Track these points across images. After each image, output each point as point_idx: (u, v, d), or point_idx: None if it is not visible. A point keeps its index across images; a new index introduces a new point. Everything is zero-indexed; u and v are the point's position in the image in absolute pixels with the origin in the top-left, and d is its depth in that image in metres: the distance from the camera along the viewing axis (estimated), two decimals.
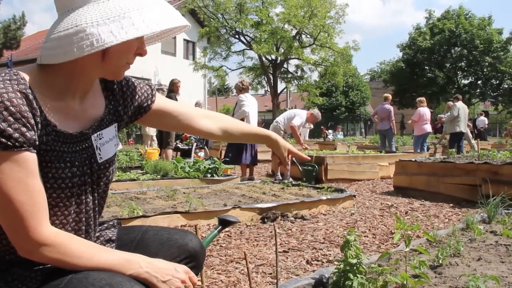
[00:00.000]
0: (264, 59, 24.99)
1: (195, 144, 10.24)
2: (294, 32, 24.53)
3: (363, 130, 45.38)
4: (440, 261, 2.64)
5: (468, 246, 3.07)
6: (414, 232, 3.90)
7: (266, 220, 4.46)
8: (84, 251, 1.11)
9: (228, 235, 3.94)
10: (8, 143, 1.01)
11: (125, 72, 1.25)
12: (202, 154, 10.48)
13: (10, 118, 1.01)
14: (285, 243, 3.67)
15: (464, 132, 11.90)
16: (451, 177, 6.10)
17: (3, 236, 1.11)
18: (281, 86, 27.37)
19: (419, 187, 6.44)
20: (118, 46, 1.12)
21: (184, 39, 29.95)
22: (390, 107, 12.20)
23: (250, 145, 7.76)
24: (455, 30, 34.18)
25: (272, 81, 25.37)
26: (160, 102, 1.49)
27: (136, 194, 5.41)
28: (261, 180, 7.16)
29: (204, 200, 4.92)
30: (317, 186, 6.33)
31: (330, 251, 3.45)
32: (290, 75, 27.46)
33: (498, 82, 35.90)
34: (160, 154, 9.39)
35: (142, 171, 7.71)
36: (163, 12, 1.15)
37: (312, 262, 3.17)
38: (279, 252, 3.41)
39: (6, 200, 1.02)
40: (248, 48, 24.87)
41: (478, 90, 36.90)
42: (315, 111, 8.67)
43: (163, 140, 9.45)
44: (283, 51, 24.02)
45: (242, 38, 25.20)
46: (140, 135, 17.26)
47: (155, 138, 11.42)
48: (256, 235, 3.93)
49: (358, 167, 8.51)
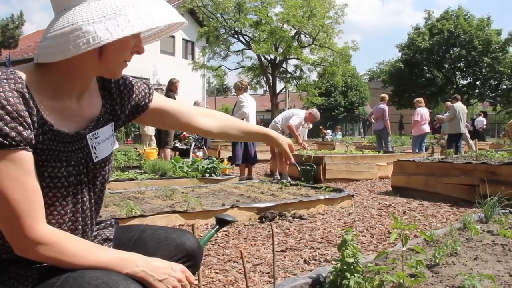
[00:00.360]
0: (263, 59, 25.00)
1: (193, 143, 10.24)
2: (293, 32, 24.54)
3: (362, 130, 45.44)
4: (437, 260, 2.65)
5: (465, 246, 3.08)
6: (412, 232, 3.91)
7: (264, 219, 4.47)
8: (80, 249, 1.11)
9: (226, 234, 3.94)
10: (5, 142, 1.01)
11: (122, 70, 1.25)
12: (200, 153, 10.48)
13: (7, 117, 1.01)
14: (283, 243, 3.68)
15: (463, 133, 11.92)
16: (449, 177, 6.11)
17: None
18: (280, 86, 27.40)
19: (417, 187, 6.45)
20: (115, 44, 1.12)
21: (183, 39, 29.95)
22: (385, 106, 12.27)
23: (245, 144, 7.76)
24: (454, 30, 34.22)
25: (271, 81, 25.37)
26: (158, 100, 1.49)
27: (134, 193, 5.41)
28: (259, 180, 7.17)
29: (202, 200, 4.92)
30: (315, 186, 6.33)
31: (328, 250, 3.46)
32: (289, 75, 27.47)
33: (496, 83, 35.95)
34: (158, 154, 9.39)
35: (140, 171, 7.72)
36: (159, 9, 1.15)
37: (309, 262, 3.17)
38: (277, 251, 3.41)
39: (2, 198, 1.03)
40: (247, 48, 24.88)
41: (477, 91, 36.95)
42: (314, 111, 8.67)
43: (161, 139, 9.45)
44: (282, 51, 24.03)
45: (241, 38, 25.22)
46: (138, 134, 17.25)
47: (153, 138, 11.43)
48: (254, 235, 3.93)
49: (357, 167, 8.52)
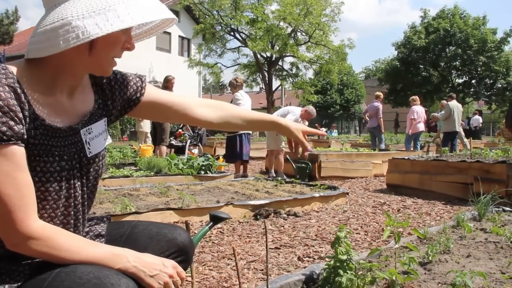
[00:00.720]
0: (259, 56, 24.95)
1: (189, 141, 10.24)
2: (290, 29, 24.50)
3: (358, 128, 45.49)
4: (430, 257, 2.66)
5: (458, 243, 3.10)
6: (406, 230, 3.93)
7: (258, 217, 4.48)
8: (72, 244, 1.12)
9: (220, 231, 3.95)
10: None
11: (112, 68, 1.25)
12: (196, 151, 10.47)
13: None
14: (277, 240, 3.68)
15: (458, 131, 11.97)
16: (443, 175, 6.13)
17: None
18: (276, 83, 27.34)
19: (412, 185, 6.47)
20: (105, 39, 1.12)
21: (179, 36, 29.91)
22: (379, 104, 12.34)
23: (243, 141, 7.79)
24: (450, 29, 34.27)
25: (267, 78, 25.34)
26: (152, 93, 1.47)
27: (129, 190, 5.41)
28: (254, 177, 7.17)
29: (197, 197, 4.92)
30: (310, 183, 6.35)
31: (322, 247, 3.47)
32: (285, 73, 27.43)
33: (491, 82, 36.04)
34: (154, 151, 9.38)
35: (135, 168, 7.71)
36: (149, 5, 1.15)
37: (303, 259, 3.18)
38: (271, 248, 3.42)
39: None
40: (243, 45, 24.83)
41: (472, 89, 37.03)
42: (310, 108, 8.67)
43: (157, 137, 9.45)
44: (278, 48, 23.99)
45: (237, 35, 25.16)
46: (134, 132, 17.22)
47: (149, 135, 11.40)
48: (249, 232, 3.94)
49: (352, 165, 8.54)
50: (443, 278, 2.36)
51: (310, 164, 7.96)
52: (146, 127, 11.42)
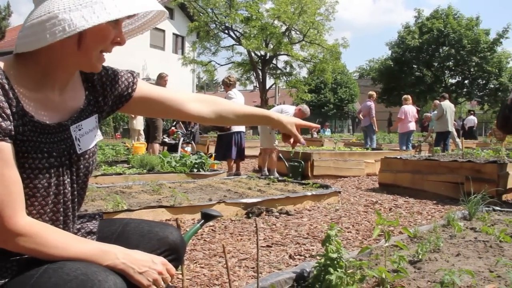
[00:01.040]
0: (253, 54, 24.97)
1: (182, 138, 10.22)
2: (284, 28, 24.54)
3: (351, 127, 45.60)
4: (419, 256, 2.68)
5: (448, 242, 3.12)
6: (396, 228, 3.95)
7: (251, 215, 4.48)
8: (60, 241, 1.12)
9: (212, 229, 3.95)
10: None
11: (101, 64, 1.25)
12: (189, 149, 10.46)
13: None
14: (269, 238, 3.69)
15: (450, 131, 12.03)
16: (435, 175, 6.17)
17: None
18: (269, 82, 27.38)
19: (404, 184, 6.51)
20: (94, 33, 1.12)
21: (173, 33, 29.85)
22: (372, 104, 12.43)
23: (235, 139, 7.79)
24: (443, 29, 34.41)
25: (261, 77, 25.36)
26: (143, 89, 1.47)
27: (121, 188, 5.40)
28: (247, 175, 7.17)
29: (190, 195, 4.92)
30: (302, 182, 6.36)
31: (313, 246, 3.48)
32: (279, 71, 27.47)
33: (484, 82, 36.23)
34: (147, 149, 9.36)
35: (128, 165, 7.69)
36: None
37: (295, 257, 3.19)
38: (263, 247, 3.43)
39: None
40: (238, 43, 24.83)
41: (465, 90, 37.23)
42: (304, 107, 8.67)
43: (150, 134, 9.43)
44: (272, 47, 24.01)
45: (232, 33, 25.15)
46: (127, 129, 17.17)
47: (142, 132, 11.38)
48: (241, 230, 3.95)
49: (344, 164, 8.57)
50: (433, 276, 2.38)
51: (303, 162, 7.98)
52: (139, 124, 11.39)
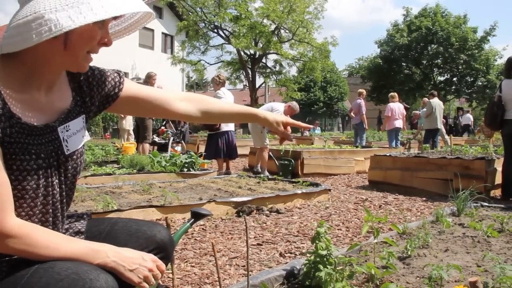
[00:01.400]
0: (242, 53, 24.96)
1: (172, 138, 10.20)
2: (273, 27, 24.54)
3: (341, 125, 45.75)
4: (409, 252, 2.71)
5: (436, 238, 3.16)
6: (386, 225, 3.98)
7: (241, 213, 4.49)
8: (50, 241, 1.12)
9: (203, 228, 3.96)
10: None
11: (88, 64, 1.25)
12: (179, 148, 10.43)
13: None
14: (259, 236, 3.70)
15: (439, 128, 12.12)
16: (424, 171, 6.22)
17: None
18: (259, 80, 27.42)
19: (394, 182, 6.55)
20: (80, 34, 1.12)
21: (163, 33, 29.74)
22: (361, 101, 12.52)
23: (224, 139, 7.78)
24: (431, 27, 34.62)
25: (250, 75, 25.35)
26: (131, 88, 1.47)
27: (111, 188, 5.38)
28: (237, 174, 7.18)
29: (180, 194, 4.92)
30: (293, 180, 6.38)
31: (304, 244, 3.50)
32: (268, 70, 27.47)
33: (472, 80, 36.52)
34: (137, 148, 9.33)
35: (118, 166, 7.66)
36: None
37: (285, 255, 3.21)
38: (253, 245, 3.44)
39: None
40: (227, 42, 24.80)
41: (453, 87, 37.51)
42: (293, 103, 8.69)
43: (140, 134, 9.39)
44: (261, 45, 24.01)
45: (221, 32, 25.12)
46: (116, 129, 17.08)
47: (132, 132, 11.34)
48: (231, 229, 3.95)
49: (334, 162, 8.60)
50: (421, 272, 2.41)
51: (293, 161, 8.01)
52: (129, 124, 11.34)
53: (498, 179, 5.69)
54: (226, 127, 7.78)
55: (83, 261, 1.11)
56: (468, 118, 23.15)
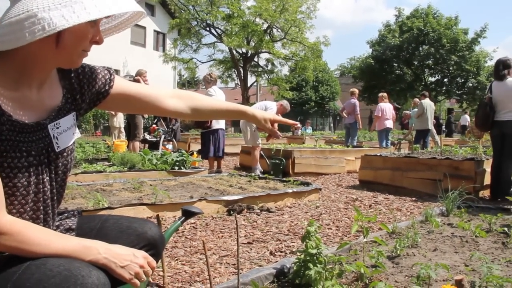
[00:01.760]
0: (234, 52, 24.95)
1: (163, 136, 10.17)
2: (265, 26, 24.56)
3: (332, 125, 45.86)
4: (398, 251, 2.73)
5: (425, 238, 3.19)
6: (375, 224, 4.01)
7: (232, 212, 4.50)
8: (41, 238, 1.12)
9: (193, 227, 3.96)
10: None
11: (81, 60, 1.25)
12: (170, 146, 10.41)
13: None
14: (250, 235, 3.71)
15: (430, 129, 12.20)
16: (414, 172, 6.26)
17: None
18: (251, 79, 27.39)
19: (384, 181, 6.59)
20: (72, 32, 1.12)
21: (154, 30, 29.63)
22: (355, 101, 12.56)
23: (214, 137, 7.76)
24: (423, 28, 34.79)
25: (242, 74, 25.36)
26: (121, 85, 1.47)
27: (102, 186, 5.36)
28: (228, 173, 7.19)
29: (171, 192, 4.92)
30: (283, 179, 6.39)
31: (294, 242, 3.51)
32: (260, 69, 27.48)
33: (463, 81, 36.74)
34: (127, 146, 9.30)
35: (109, 163, 7.63)
36: None
37: (275, 253, 3.22)
38: (244, 243, 3.45)
39: None
40: (219, 40, 24.79)
41: (444, 88, 37.71)
42: (284, 102, 8.72)
43: (131, 132, 9.36)
44: (253, 44, 24.03)
45: (213, 31, 25.09)
46: (107, 126, 16.99)
47: (123, 130, 11.30)
48: (222, 227, 3.96)
49: (325, 161, 8.63)
50: (410, 271, 2.43)
51: (284, 160, 8.02)
52: (120, 122, 11.30)
53: (487, 180, 5.74)
54: (216, 125, 7.72)
55: (74, 257, 1.11)
56: (465, 119, 23.37)
